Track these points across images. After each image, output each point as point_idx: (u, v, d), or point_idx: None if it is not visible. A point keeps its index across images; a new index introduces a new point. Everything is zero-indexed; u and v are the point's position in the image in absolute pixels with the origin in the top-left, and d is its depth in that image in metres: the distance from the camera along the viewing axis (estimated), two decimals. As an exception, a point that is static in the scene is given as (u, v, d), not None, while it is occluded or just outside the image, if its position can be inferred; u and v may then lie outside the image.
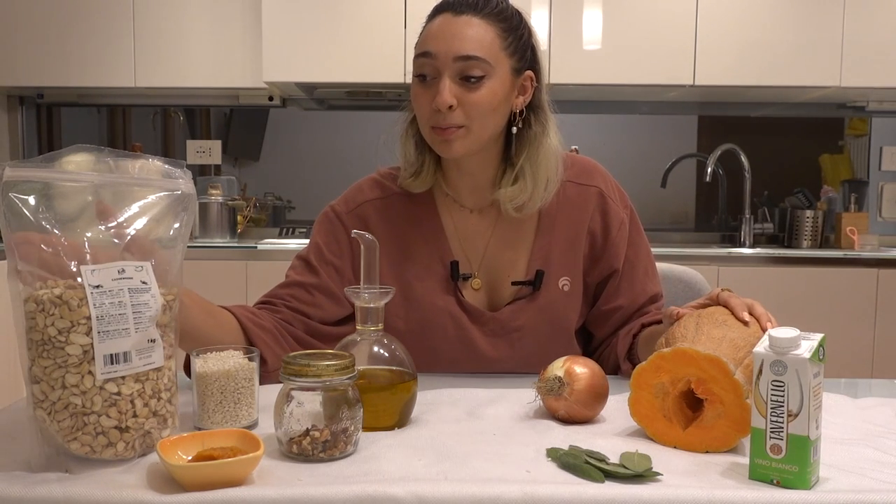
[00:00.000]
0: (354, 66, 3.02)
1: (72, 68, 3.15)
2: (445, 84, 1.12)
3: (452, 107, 1.12)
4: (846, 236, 3.27)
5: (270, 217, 3.59)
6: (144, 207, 0.82)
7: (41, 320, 0.75)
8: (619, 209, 1.26)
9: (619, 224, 1.26)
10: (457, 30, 1.13)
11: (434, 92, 1.13)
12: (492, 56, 1.13)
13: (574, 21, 3.03)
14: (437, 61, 1.13)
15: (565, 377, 0.94)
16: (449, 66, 1.12)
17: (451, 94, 1.12)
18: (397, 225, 1.25)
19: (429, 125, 1.15)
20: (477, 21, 1.14)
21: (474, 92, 1.13)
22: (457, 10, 1.14)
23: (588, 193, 1.26)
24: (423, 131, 1.18)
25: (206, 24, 3.15)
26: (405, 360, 0.94)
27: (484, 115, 1.14)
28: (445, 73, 1.12)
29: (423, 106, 1.15)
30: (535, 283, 1.23)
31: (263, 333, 1.11)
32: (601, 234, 1.26)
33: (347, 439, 0.81)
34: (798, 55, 3.01)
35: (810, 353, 0.73)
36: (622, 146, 3.58)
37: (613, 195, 1.27)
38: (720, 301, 1.00)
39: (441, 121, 1.13)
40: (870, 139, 3.53)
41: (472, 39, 1.12)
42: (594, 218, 1.25)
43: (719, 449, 0.84)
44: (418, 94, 1.16)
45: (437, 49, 1.13)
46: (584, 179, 1.26)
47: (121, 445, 0.77)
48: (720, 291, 1.01)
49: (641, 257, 1.28)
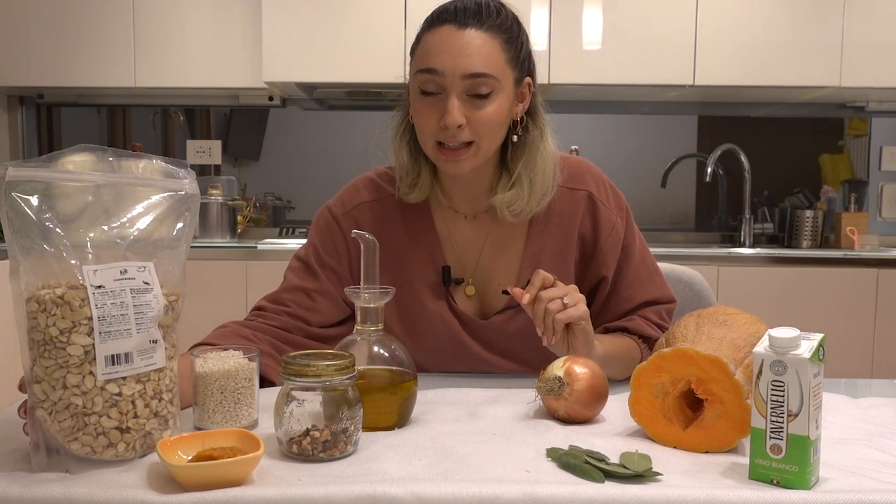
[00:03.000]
0: (354, 66, 3.02)
1: (72, 68, 3.15)
2: (454, 103, 1.09)
3: (462, 126, 1.10)
4: (846, 236, 3.27)
5: (270, 217, 3.59)
6: (147, 208, 0.82)
7: (42, 320, 0.75)
8: (610, 213, 1.23)
9: (609, 229, 1.22)
10: (462, 45, 1.09)
11: (440, 109, 1.10)
12: (498, 71, 1.10)
13: (574, 21, 3.03)
14: (445, 79, 1.09)
15: (565, 377, 0.94)
16: (457, 84, 1.09)
17: (460, 113, 1.09)
18: (391, 228, 1.24)
19: (433, 140, 1.12)
20: (482, 35, 1.10)
21: (482, 109, 1.10)
22: (460, 23, 1.10)
23: (578, 198, 1.23)
24: (426, 146, 1.15)
25: (206, 24, 3.15)
26: (405, 360, 0.94)
27: (492, 132, 1.13)
28: (453, 92, 1.09)
29: (429, 122, 1.12)
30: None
31: (265, 359, 1.11)
32: (591, 239, 1.23)
33: (347, 439, 0.81)
34: (798, 55, 3.01)
35: (810, 353, 0.73)
36: (622, 146, 3.58)
37: (605, 198, 1.24)
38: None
39: (449, 138, 1.11)
40: (870, 139, 3.53)
41: (479, 56, 1.09)
42: (584, 222, 1.23)
43: (719, 449, 0.84)
44: (422, 111, 1.12)
45: (443, 66, 1.08)
46: (574, 183, 1.23)
47: (121, 446, 0.77)
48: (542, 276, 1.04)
49: (633, 264, 1.24)
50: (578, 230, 1.23)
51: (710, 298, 1.52)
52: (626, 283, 1.24)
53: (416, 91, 1.13)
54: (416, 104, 1.13)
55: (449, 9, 1.12)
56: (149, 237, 0.81)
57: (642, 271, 1.24)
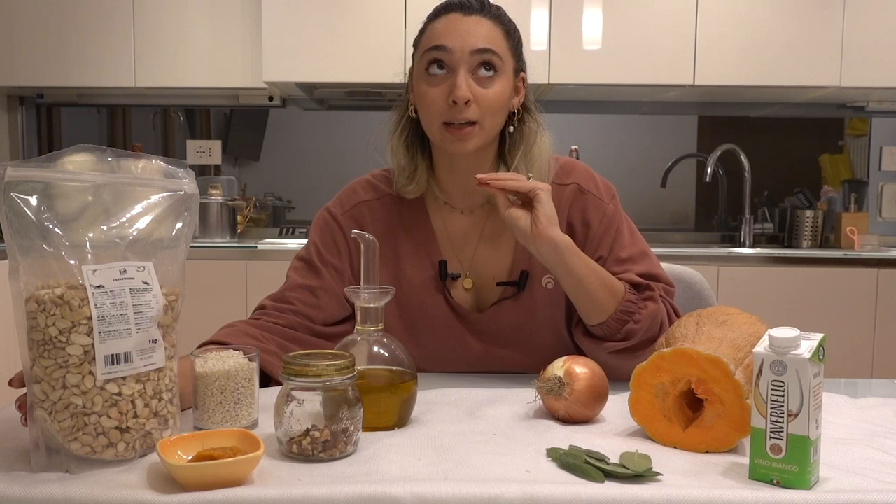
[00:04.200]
0: (354, 66, 3.02)
1: (72, 68, 3.15)
2: (463, 78, 1.13)
3: (469, 101, 1.13)
4: (846, 236, 3.27)
5: (270, 217, 3.59)
6: (147, 207, 0.82)
7: (42, 320, 0.75)
8: (600, 200, 1.24)
9: (601, 215, 1.23)
10: (469, 26, 1.15)
11: (449, 86, 1.13)
12: (502, 52, 1.16)
13: (574, 21, 3.03)
14: (453, 55, 1.13)
15: (565, 377, 0.94)
16: (465, 59, 1.13)
17: (469, 88, 1.13)
18: (390, 226, 1.26)
19: (440, 121, 1.15)
20: (486, 21, 1.16)
21: (488, 88, 1.14)
22: (466, 11, 1.16)
23: (565, 191, 1.24)
24: (432, 128, 1.17)
25: (206, 24, 3.15)
26: (405, 360, 0.94)
27: (495, 112, 1.16)
28: (462, 67, 1.13)
29: (436, 101, 1.14)
30: (520, 283, 1.23)
31: (273, 358, 1.11)
32: (581, 227, 1.23)
33: (347, 439, 0.81)
34: (798, 55, 3.01)
35: (810, 353, 0.73)
36: (622, 146, 3.58)
37: (594, 187, 1.25)
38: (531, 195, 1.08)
39: (456, 115, 1.13)
40: (870, 139, 3.53)
41: (486, 35, 1.15)
42: (572, 213, 1.24)
43: (719, 449, 0.84)
44: (427, 90, 1.15)
45: (451, 43, 1.13)
46: (561, 179, 1.25)
47: (121, 446, 0.77)
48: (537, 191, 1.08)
49: (615, 248, 1.22)
50: (567, 219, 1.23)
51: (710, 298, 1.52)
52: (618, 260, 1.21)
53: (421, 74, 1.17)
54: (422, 86, 1.17)
55: (453, 1, 1.18)
56: (148, 237, 0.81)
57: (634, 251, 1.23)
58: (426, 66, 1.16)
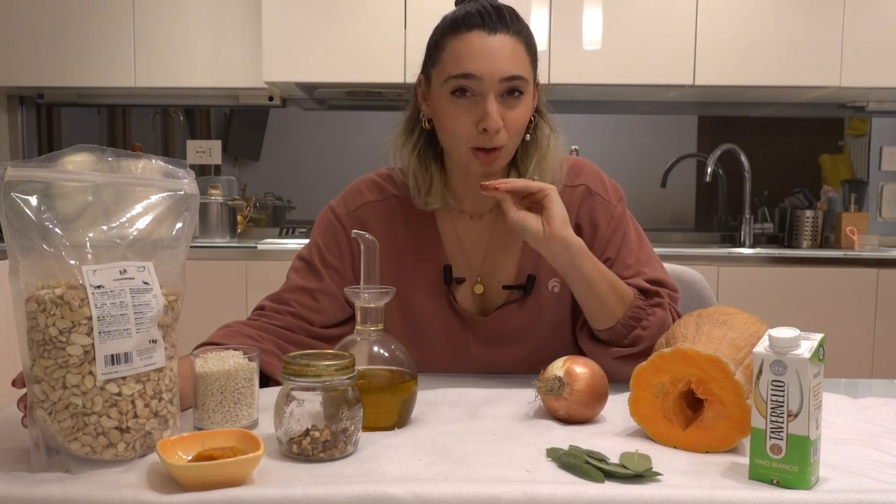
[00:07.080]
0: (354, 66, 3.02)
1: (72, 68, 3.15)
2: (494, 106, 1.10)
3: (499, 130, 1.11)
4: (846, 236, 3.27)
5: (270, 217, 3.59)
6: (147, 207, 0.82)
7: (42, 320, 0.75)
8: (608, 202, 1.24)
9: (609, 217, 1.23)
10: (497, 50, 1.11)
11: (476, 113, 1.11)
12: (527, 73, 1.13)
13: (574, 21, 3.03)
14: (483, 83, 1.10)
15: (565, 377, 0.94)
16: (495, 87, 1.10)
17: (498, 114, 1.11)
18: (395, 228, 1.25)
19: (469, 145, 1.13)
20: (511, 39, 1.12)
21: (514, 110, 1.12)
22: (490, 28, 1.11)
23: (574, 193, 1.24)
24: (459, 150, 1.15)
25: (206, 24, 3.15)
26: (405, 360, 0.94)
27: (520, 132, 1.15)
28: (491, 95, 1.10)
29: (465, 125, 1.12)
30: (527, 287, 1.23)
31: (270, 358, 1.11)
32: (589, 228, 1.23)
33: (347, 439, 0.81)
34: (798, 55, 3.01)
35: (810, 353, 0.73)
36: (622, 146, 3.58)
37: (602, 189, 1.25)
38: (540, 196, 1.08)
39: (486, 142, 1.12)
40: (870, 139, 3.53)
41: (512, 60, 1.11)
42: (581, 214, 1.23)
43: (719, 449, 0.84)
44: (456, 114, 1.12)
45: (480, 71, 1.10)
46: (570, 181, 1.24)
47: (121, 446, 0.77)
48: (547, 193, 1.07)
49: (623, 252, 1.22)
50: (576, 221, 1.22)
51: (710, 298, 1.52)
52: (625, 264, 1.21)
53: (446, 96, 1.13)
54: (448, 108, 1.13)
55: (472, 13, 1.12)
56: (148, 237, 0.81)
57: (629, 258, 1.23)
58: (451, 90, 1.12)
